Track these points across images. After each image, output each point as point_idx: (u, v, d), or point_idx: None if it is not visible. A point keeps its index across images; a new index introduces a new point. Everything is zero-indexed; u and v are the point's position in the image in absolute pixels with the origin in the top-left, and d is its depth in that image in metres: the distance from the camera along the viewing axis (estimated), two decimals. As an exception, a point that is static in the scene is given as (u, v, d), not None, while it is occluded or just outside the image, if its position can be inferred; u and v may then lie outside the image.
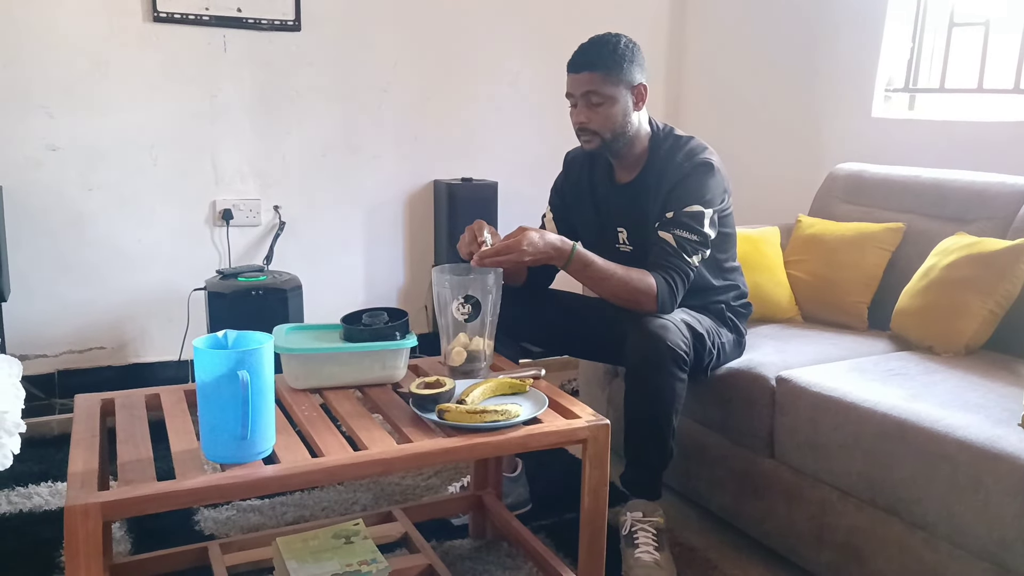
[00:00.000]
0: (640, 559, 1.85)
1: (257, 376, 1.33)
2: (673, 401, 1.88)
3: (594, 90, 1.94)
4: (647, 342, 1.84)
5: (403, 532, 1.90)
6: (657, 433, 1.90)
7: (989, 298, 2.06)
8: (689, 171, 1.96)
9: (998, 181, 2.32)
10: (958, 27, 2.82)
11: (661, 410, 1.87)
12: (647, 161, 2.05)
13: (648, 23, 3.67)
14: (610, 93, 1.94)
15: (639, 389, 1.89)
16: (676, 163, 1.98)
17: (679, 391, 1.88)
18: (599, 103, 1.95)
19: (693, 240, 1.94)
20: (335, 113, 3.18)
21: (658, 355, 1.83)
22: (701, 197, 1.94)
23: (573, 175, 2.21)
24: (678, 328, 1.88)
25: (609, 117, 1.96)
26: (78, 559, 1.21)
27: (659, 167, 2.01)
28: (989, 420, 1.63)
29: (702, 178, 1.96)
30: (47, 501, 2.18)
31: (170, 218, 3.00)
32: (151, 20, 2.84)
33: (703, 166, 1.97)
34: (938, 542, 1.62)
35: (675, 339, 1.85)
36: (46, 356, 2.90)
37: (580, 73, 1.95)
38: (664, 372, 1.85)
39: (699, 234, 1.94)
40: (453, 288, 1.76)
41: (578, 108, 1.98)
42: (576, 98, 1.98)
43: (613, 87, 1.94)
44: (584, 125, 1.98)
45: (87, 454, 1.38)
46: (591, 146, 2.01)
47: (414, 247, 3.42)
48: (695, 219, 1.94)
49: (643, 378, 1.87)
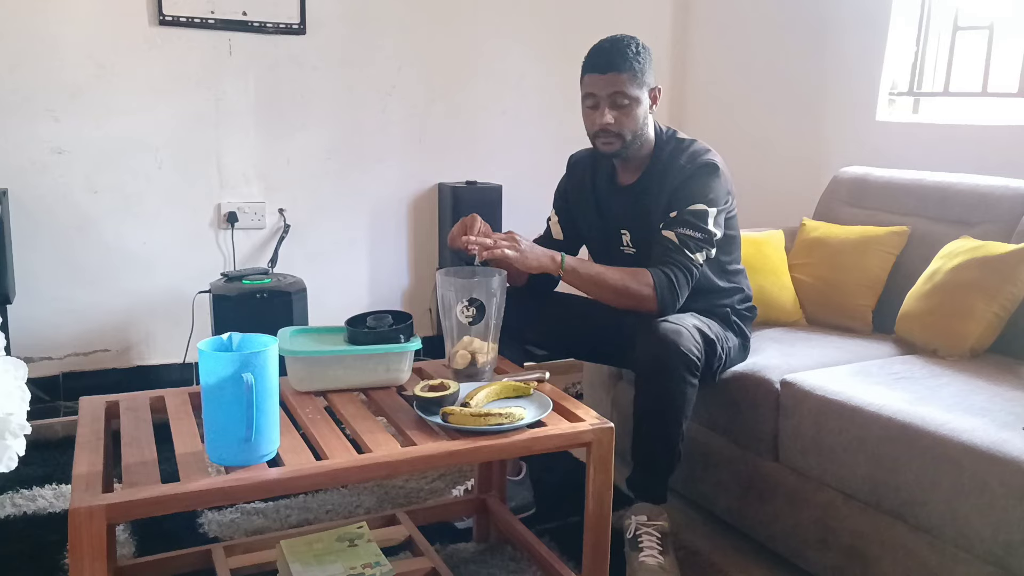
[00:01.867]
0: (644, 563, 1.85)
1: (261, 379, 1.34)
2: (683, 406, 1.87)
3: (621, 91, 1.92)
4: (659, 346, 1.84)
5: (407, 535, 1.90)
6: (666, 438, 1.89)
7: (994, 301, 2.06)
8: (692, 172, 1.96)
9: (1002, 184, 2.32)
10: (962, 31, 2.82)
11: (671, 415, 1.87)
12: (650, 163, 2.04)
13: (652, 26, 3.67)
14: (635, 94, 1.93)
15: (650, 393, 1.88)
16: (679, 165, 1.98)
17: (690, 396, 1.88)
18: (625, 104, 1.93)
19: (696, 237, 1.93)
20: (340, 116, 3.19)
21: (670, 360, 1.83)
22: (704, 196, 1.94)
23: (576, 177, 2.21)
24: (690, 333, 1.87)
25: (634, 119, 1.95)
26: (82, 561, 1.21)
27: (661, 169, 2.01)
28: (994, 423, 1.63)
29: (705, 178, 1.95)
30: (51, 504, 2.19)
31: (175, 221, 3.01)
32: (157, 23, 2.85)
33: (707, 166, 1.97)
34: (943, 545, 1.62)
35: (688, 344, 1.84)
36: (51, 359, 2.90)
37: (607, 74, 1.92)
38: (676, 377, 1.84)
39: (703, 231, 1.93)
40: (457, 291, 1.76)
41: (601, 109, 1.94)
42: (599, 99, 1.94)
43: (638, 89, 1.93)
44: (608, 127, 1.94)
45: (91, 456, 1.38)
46: (611, 148, 1.98)
47: (419, 250, 3.42)
48: (699, 217, 1.93)
49: (654, 383, 1.86)
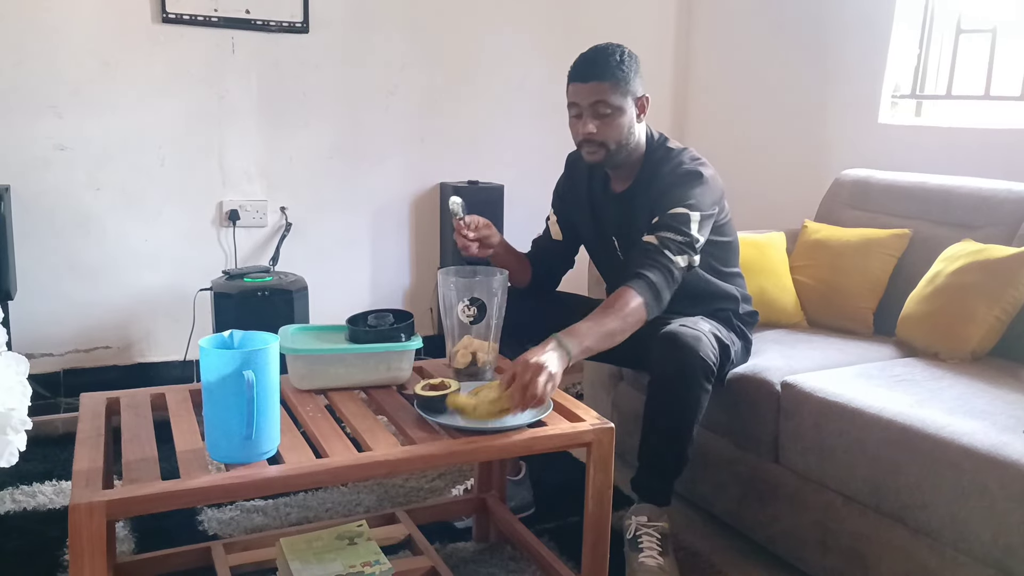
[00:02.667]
0: (644, 563, 1.85)
1: (262, 376, 1.34)
2: (697, 412, 1.87)
3: (603, 100, 1.89)
4: (678, 352, 1.83)
5: (407, 534, 1.90)
6: (677, 442, 1.89)
7: (995, 304, 2.06)
8: (675, 180, 1.93)
9: (1004, 188, 2.32)
10: (965, 34, 2.82)
11: (684, 420, 1.86)
12: (639, 171, 2.02)
13: (655, 28, 3.67)
14: (618, 104, 1.91)
15: (664, 398, 1.87)
16: (664, 173, 1.95)
17: (704, 402, 1.88)
18: (607, 113, 1.90)
19: (677, 240, 1.87)
20: (342, 115, 3.19)
21: (689, 366, 1.82)
22: (685, 201, 1.90)
23: (573, 179, 2.18)
24: (708, 339, 1.87)
25: (616, 128, 1.92)
26: (82, 558, 1.22)
27: (648, 177, 1.99)
28: (995, 427, 1.63)
29: (688, 185, 1.92)
30: (51, 500, 2.19)
31: (177, 218, 3.01)
32: (160, 21, 2.85)
33: (690, 174, 1.93)
34: (943, 548, 1.62)
35: (706, 350, 1.84)
36: (52, 355, 2.91)
37: (588, 83, 1.90)
38: (694, 384, 1.84)
39: (684, 235, 1.88)
40: (459, 290, 1.76)
41: (584, 119, 1.92)
42: (582, 108, 1.92)
43: (621, 98, 1.91)
44: (591, 136, 1.93)
45: (92, 453, 1.38)
46: (595, 158, 1.96)
47: (420, 249, 3.42)
48: (680, 220, 1.89)
49: (671, 388, 1.85)
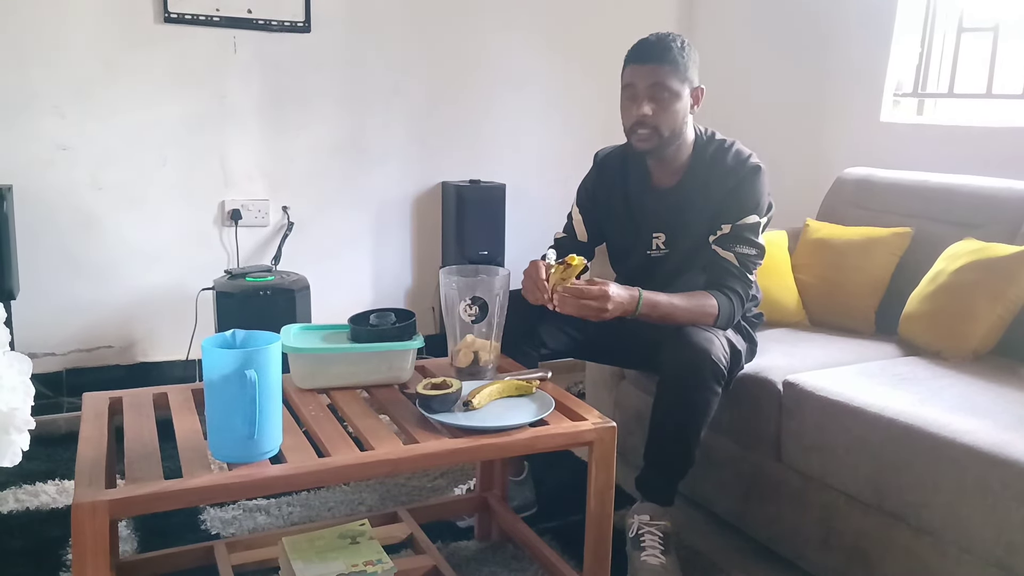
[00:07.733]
0: (646, 562, 1.85)
1: (264, 376, 1.34)
2: (706, 414, 1.87)
3: (661, 82, 1.88)
4: (692, 354, 1.83)
5: (409, 533, 1.90)
6: (684, 443, 1.89)
7: (997, 303, 2.05)
8: (742, 177, 1.94)
9: (1006, 186, 2.31)
10: (967, 32, 2.82)
11: (692, 422, 1.87)
12: (690, 166, 2.00)
13: (655, 28, 3.64)
14: (676, 88, 1.89)
15: (674, 399, 1.87)
16: (725, 168, 1.95)
17: (713, 405, 1.88)
18: (664, 97, 1.89)
19: (752, 255, 1.93)
20: (344, 114, 3.19)
21: (702, 369, 1.83)
22: (757, 205, 1.93)
23: (606, 176, 2.14)
24: (720, 342, 1.87)
25: (672, 114, 1.90)
26: (85, 557, 1.22)
27: (704, 173, 1.98)
28: (997, 425, 1.63)
29: (754, 184, 1.94)
30: (54, 499, 2.19)
31: (179, 218, 3.01)
32: (162, 21, 2.85)
33: (754, 170, 1.94)
34: (945, 547, 1.62)
35: (718, 353, 1.84)
36: (54, 355, 2.91)
37: (647, 64, 1.88)
38: (705, 387, 1.84)
39: (756, 247, 1.94)
40: (460, 289, 1.76)
41: (639, 100, 1.90)
42: (638, 90, 1.90)
43: (679, 83, 1.90)
44: (646, 118, 1.90)
45: (94, 452, 1.39)
46: (646, 145, 1.93)
47: (422, 248, 3.42)
48: (752, 231, 1.93)
49: (680, 389, 1.86)
